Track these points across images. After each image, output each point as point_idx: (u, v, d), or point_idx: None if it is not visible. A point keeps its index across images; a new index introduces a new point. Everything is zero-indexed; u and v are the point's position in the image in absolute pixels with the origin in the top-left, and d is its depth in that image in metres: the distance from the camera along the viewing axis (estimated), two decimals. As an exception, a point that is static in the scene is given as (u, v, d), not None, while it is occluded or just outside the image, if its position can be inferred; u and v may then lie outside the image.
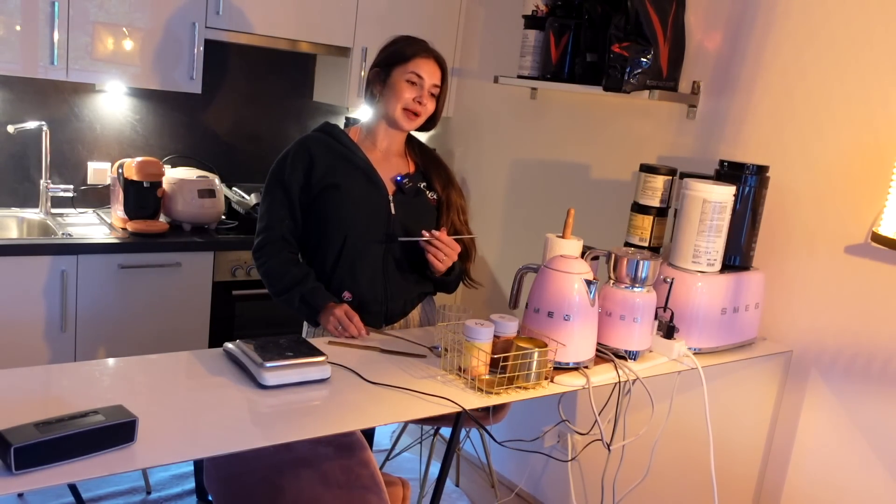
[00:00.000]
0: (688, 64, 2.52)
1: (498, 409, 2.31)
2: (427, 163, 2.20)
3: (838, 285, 2.14)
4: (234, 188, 3.19)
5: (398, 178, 2.11)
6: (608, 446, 2.09)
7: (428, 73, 2.07)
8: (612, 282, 1.96)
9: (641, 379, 1.89)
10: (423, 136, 3.75)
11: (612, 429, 2.27)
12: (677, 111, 2.57)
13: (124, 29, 2.73)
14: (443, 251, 2.01)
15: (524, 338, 1.80)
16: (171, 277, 2.79)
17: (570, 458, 2.85)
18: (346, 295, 2.06)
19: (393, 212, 2.08)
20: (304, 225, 2.09)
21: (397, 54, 2.09)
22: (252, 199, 3.08)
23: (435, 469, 2.79)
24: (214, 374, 1.63)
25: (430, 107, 2.09)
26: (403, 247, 2.08)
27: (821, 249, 2.18)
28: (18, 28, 2.55)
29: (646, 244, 2.25)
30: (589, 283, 1.82)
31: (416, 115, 2.07)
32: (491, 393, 1.68)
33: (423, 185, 2.16)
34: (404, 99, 2.06)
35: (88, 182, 3.09)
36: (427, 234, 2.00)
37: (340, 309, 1.95)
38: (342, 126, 2.19)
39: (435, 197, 2.17)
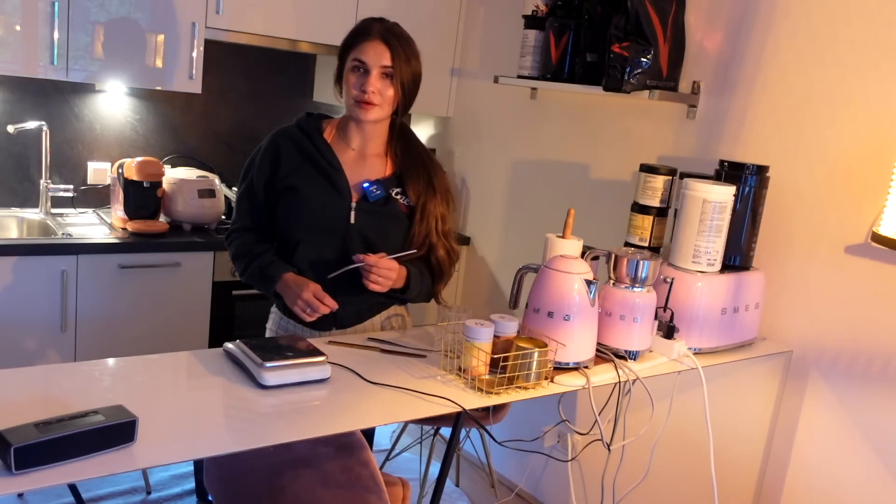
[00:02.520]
0: (688, 64, 2.52)
1: (498, 409, 2.31)
2: (407, 165, 2.00)
3: (838, 285, 2.14)
4: (234, 188, 3.19)
5: (365, 185, 1.94)
6: (608, 446, 2.09)
7: (373, 55, 1.86)
8: (612, 282, 1.96)
9: (641, 379, 1.89)
10: (424, 135, 3.77)
11: (612, 429, 2.27)
12: (677, 111, 2.57)
13: (124, 29, 2.73)
14: (378, 276, 1.85)
15: (524, 338, 1.80)
16: (171, 277, 2.79)
17: (570, 458, 2.85)
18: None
19: (353, 221, 1.93)
20: (271, 219, 2.01)
21: (344, 44, 1.94)
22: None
23: (435, 469, 2.78)
24: (214, 374, 1.63)
25: (387, 92, 1.88)
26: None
27: (821, 249, 2.18)
28: (18, 28, 2.55)
29: (646, 244, 2.25)
30: (589, 283, 1.82)
31: (369, 103, 1.87)
32: (491, 393, 1.68)
33: (395, 191, 1.97)
34: (351, 91, 1.89)
35: (88, 182, 3.09)
36: (358, 260, 1.85)
37: (308, 292, 1.84)
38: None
39: (408, 204, 1.98)
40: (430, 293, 2.05)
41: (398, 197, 1.98)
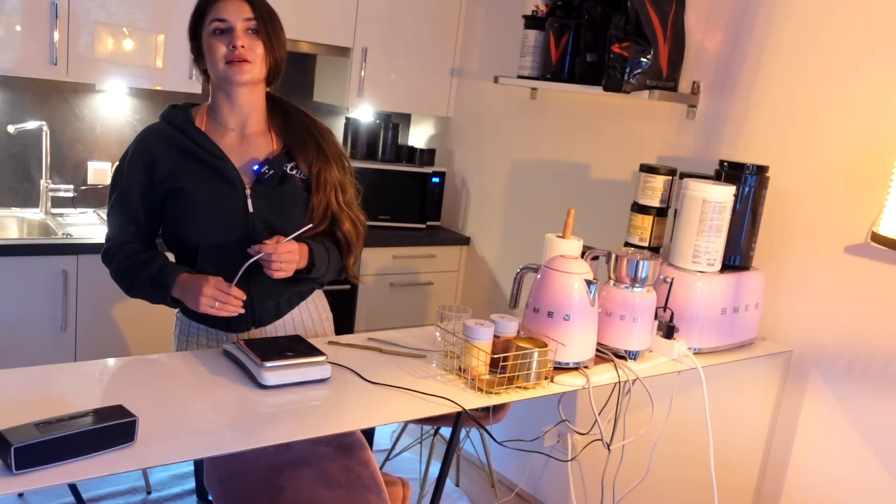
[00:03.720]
0: (688, 64, 2.52)
1: (498, 409, 2.31)
2: (292, 137, 1.84)
3: (838, 285, 2.14)
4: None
5: (255, 168, 1.78)
6: (608, 446, 2.09)
7: (233, 11, 1.71)
8: (612, 282, 1.96)
9: (641, 379, 1.90)
10: (424, 135, 3.77)
11: (612, 429, 2.27)
12: (677, 111, 2.57)
13: (124, 29, 2.73)
14: (279, 261, 1.69)
15: (524, 338, 1.80)
16: (171, 277, 2.79)
17: (570, 458, 2.85)
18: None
19: (251, 209, 1.78)
20: (158, 228, 1.84)
21: (195, 14, 1.78)
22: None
23: (435, 469, 2.78)
24: (214, 374, 1.63)
25: (257, 48, 1.73)
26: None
27: (821, 249, 2.18)
28: (18, 28, 2.55)
29: (646, 244, 2.25)
30: (589, 283, 1.82)
31: (243, 61, 1.72)
32: (491, 393, 1.68)
33: (289, 166, 1.81)
34: (219, 54, 1.73)
35: (88, 182, 3.09)
36: (255, 252, 1.69)
37: (209, 286, 1.66)
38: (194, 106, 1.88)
39: (303, 178, 1.83)
40: (339, 268, 1.90)
41: (293, 172, 1.82)
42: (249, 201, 1.78)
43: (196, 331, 1.88)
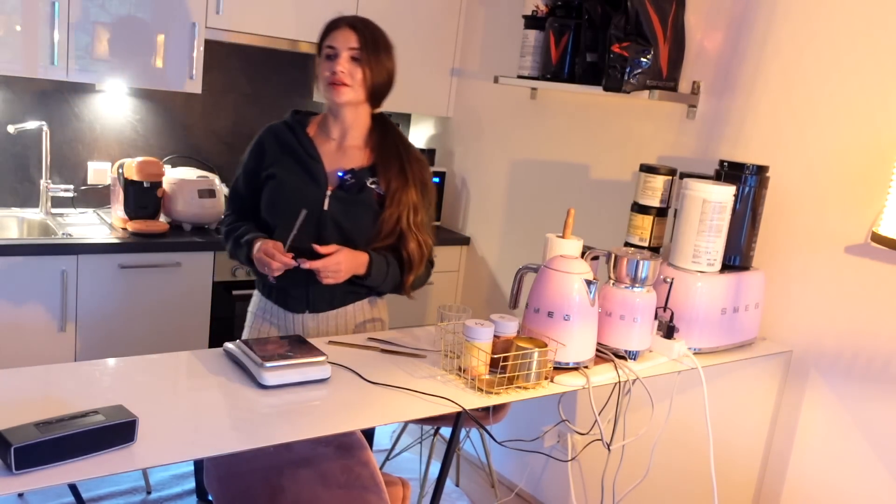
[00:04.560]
0: (688, 64, 2.52)
1: (498, 409, 2.31)
2: (381, 155, 2.06)
3: (838, 285, 2.14)
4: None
5: (340, 174, 2.01)
6: (608, 446, 2.09)
7: (341, 40, 1.95)
8: (612, 282, 1.96)
9: (641, 379, 1.90)
10: (424, 135, 3.77)
11: (612, 429, 2.27)
12: (677, 111, 2.57)
13: (124, 29, 2.73)
14: (326, 274, 1.91)
15: (524, 338, 1.80)
16: (171, 277, 2.79)
17: (570, 458, 2.85)
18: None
19: (326, 207, 1.99)
20: (258, 208, 2.09)
21: (319, 39, 2.02)
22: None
23: (435, 469, 2.78)
24: (214, 374, 1.63)
25: (357, 74, 1.95)
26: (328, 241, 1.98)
27: (821, 249, 2.18)
28: (18, 28, 2.55)
29: (646, 244, 2.25)
30: (589, 283, 1.82)
31: (341, 84, 1.95)
32: (491, 393, 1.68)
33: (370, 180, 2.02)
34: (324, 75, 1.97)
35: (88, 182, 3.09)
36: (302, 263, 1.90)
37: (266, 244, 1.92)
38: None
39: (381, 192, 2.03)
40: (398, 284, 2.07)
41: (373, 186, 2.02)
42: (327, 201, 2.00)
43: (262, 310, 2.13)
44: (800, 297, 2.23)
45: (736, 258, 2.14)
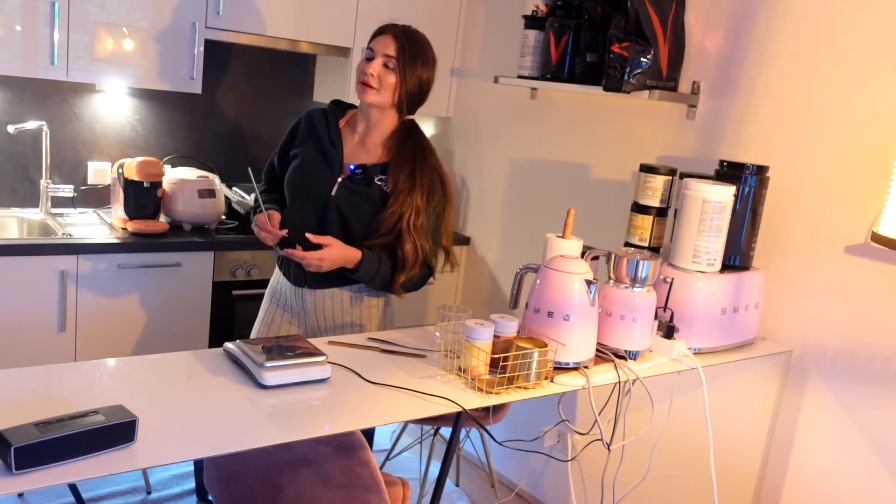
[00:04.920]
0: (688, 64, 2.52)
1: (498, 409, 2.31)
2: (397, 156, 2.15)
3: (838, 285, 2.15)
4: (234, 188, 3.19)
5: (353, 167, 2.15)
6: (608, 446, 2.09)
7: (381, 45, 2.09)
8: (612, 282, 1.96)
9: (641, 379, 1.90)
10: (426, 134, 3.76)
11: (612, 429, 2.27)
12: (677, 111, 2.57)
13: (124, 29, 2.73)
14: (308, 264, 2.04)
15: (524, 338, 1.80)
16: (171, 277, 2.79)
17: (570, 458, 2.85)
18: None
19: (333, 193, 2.13)
20: (281, 183, 2.27)
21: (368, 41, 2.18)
22: (252, 199, 3.08)
23: (435, 469, 2.78)
24: (214, 374, 1.63)
25: (387, 79, 2.07)
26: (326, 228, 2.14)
27: (821, 249, 2.18)
28: (18, 28, 2.55)
29: (646, 244, 2.25)
30: (589, 283, 1.82)
31: (369, 85, 2.07)
32: (491, 393, 1.68)
33: (380, 177, 2.13)
34: (357, 74, 2.11)
35: (88, 182, 3.09)
36: (286, 252, 2.06)
37: (261, 216, 2.10)
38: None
39: (387, 190, 2.12)
40: (388, 282, 2.14)
41: (380, 183, 2.13)
42: (336, 187, 2.13)
43: (274, 290, 2.32)
44: (800, 297, 2.23)
45: (736, 258, 2.14)
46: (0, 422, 1.23)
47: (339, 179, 2.13)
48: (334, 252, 2.04)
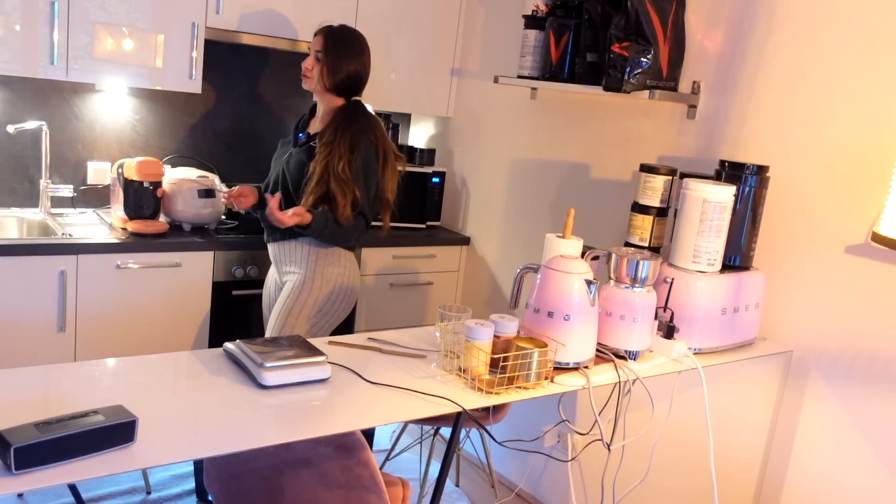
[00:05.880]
0: (688, 64, 2.52)
1: (498, 409, 2.31)
2: (330, 124, 2.55)
3: (838, 285, 2.14)
4: (234, 188, 3.18)
5: (300, 135, 2.66)
6: (608, 446, 2.09)
7: (314, 43, 2.55)
8: (612, 282, 1.96)
9: (641, 379, 1.90)
10: (424, 135, 3.77)
11: (612, 429, 2.27)
12: (677, 111, 2.57)
13: (124, 29, 2.73)
14: (270, 218, 2.40)
15: (524, 338, 1.80)
16: (171, 277, 2.79)
17: (570, 458, 2.85)
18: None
19: (285, 159, 2.63)
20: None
21: None
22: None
23: (435, 469, 2.79)
24: (214, 374, 1.63)
25: (315, 70, 2.54)
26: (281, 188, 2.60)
27: (821, 249, 2.18)
28: (18, 28, 2.55)
29: (646, 244, 2.25)
30: (589, 283, 1.82)
31: (304, 76, 2.57)
32: (491, 393, 1.68)
33: (314, 141, 2.57)
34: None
35: (88, 182, 3.09)
36: (224, 195, 2.65)
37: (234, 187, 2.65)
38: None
39: (316, 146, 2.56)
40: (333, 231, 2.48)
41: (313, 145, 2.55)
42: (291, 153, 2.61)
43: (271, 252, 2.70)
44: (800, 297, 2.23)
45: (736, 258, 2.14)
46: (0, 422, 1.23)
47: (293, 150, 2.61)
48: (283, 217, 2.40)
